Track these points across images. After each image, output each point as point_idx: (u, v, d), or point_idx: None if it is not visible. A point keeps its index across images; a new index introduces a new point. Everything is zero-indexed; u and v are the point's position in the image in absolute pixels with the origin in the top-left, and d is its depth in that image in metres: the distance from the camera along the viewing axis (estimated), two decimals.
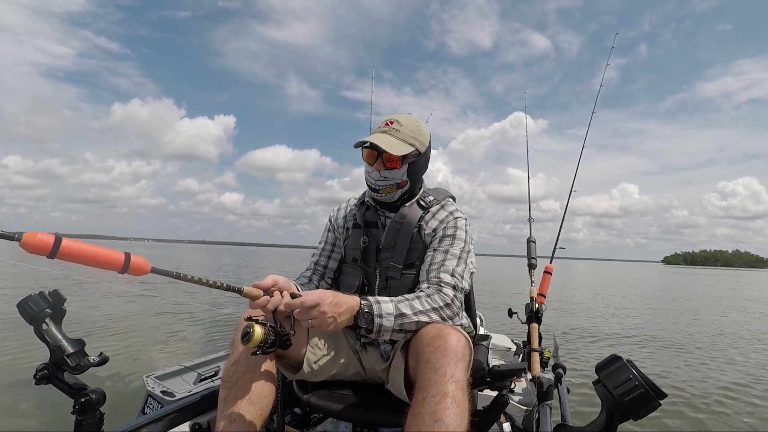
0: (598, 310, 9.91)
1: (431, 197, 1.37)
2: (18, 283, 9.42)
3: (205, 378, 1.93)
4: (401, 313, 1.07)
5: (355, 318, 1.04)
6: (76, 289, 8.72)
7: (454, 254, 1.25)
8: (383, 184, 1.30)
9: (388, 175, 1.28)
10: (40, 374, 0.96)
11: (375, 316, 1.04)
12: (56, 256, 0.71)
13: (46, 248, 0.70)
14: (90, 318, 5.74)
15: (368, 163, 1.30)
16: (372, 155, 1.28)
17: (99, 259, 0.77)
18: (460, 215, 1.34)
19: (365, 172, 1.33)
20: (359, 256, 1.37)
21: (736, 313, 10.65)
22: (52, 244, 0.71)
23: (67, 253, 0.72)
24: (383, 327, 1.05)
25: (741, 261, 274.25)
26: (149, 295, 8.23)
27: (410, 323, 1.08)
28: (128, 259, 0.79)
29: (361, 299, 1.06)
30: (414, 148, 1.28)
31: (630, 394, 0.85)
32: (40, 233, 0.70)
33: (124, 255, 0.79)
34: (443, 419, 0.86)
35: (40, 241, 0.70)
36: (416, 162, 1.32)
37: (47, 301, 0.99)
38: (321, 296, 0.97)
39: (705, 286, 22.87)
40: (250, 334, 0.94)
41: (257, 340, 0.95)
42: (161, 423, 1.20)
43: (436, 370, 0.94)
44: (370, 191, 1.36)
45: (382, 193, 1.32)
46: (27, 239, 0.69)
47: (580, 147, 2.76)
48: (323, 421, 1.63)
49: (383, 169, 1.27)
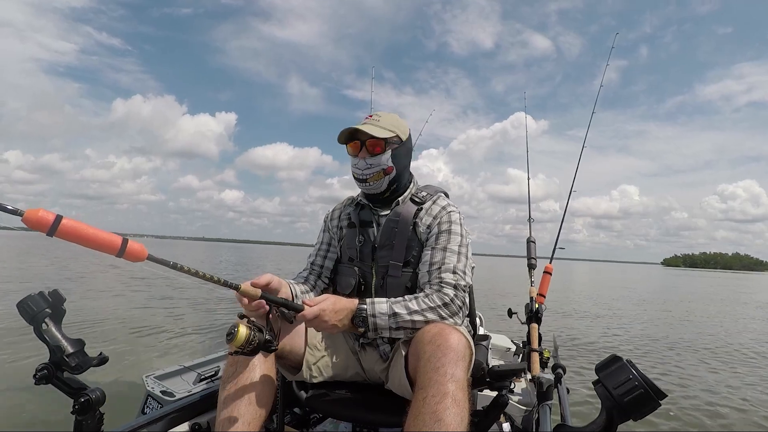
0: (598, 310, 9.91)
1: (424, 193, 1.39)
2: (18, 283, 9.42)
3: (205, 378, 1.93)
4: (395, 312, 1.10)
5: (352, 319, 1.09)
6: (75, 289, 8.72)
7: (453, 250, 1.25)
8: (369, 172, 1.32)
9: (373, 162, 1.31)
10: (39, 374, 0.96)
11: (368, 316, 1.09)
12: (55, 234, 0.73)
13: (46, 225, 0.72)
14: (90, 318, 5.73)
15: (353, 155, 1.34)
16: (356, 146, 1.32)
17: (96, 241, 0.78)
18: (452, 209, 1.34)
19: (352, 167, 1.36)
20: (355, 255, 1.37)
21: (737, 313, 10.65)
22: (52, 221, 0.73)
23: (66, 231, 0.74)
24: (378, 326, 1.09)
25: (740, 264, 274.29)
26: (149, 295, 8.23)
27: (405, 322, 1.09)
28: (125, 243, 0.80)
29: (358, 302, 1.10)
30: (395, 134, 1.33)
31: (630, 395, 0.85)
32: (43, 210, 0.73)
33: (121, 239, 0.81)
34: (443, 419, 0.86)
35: (41, 218, 0.72)
36: (399, 149, 1.35)
37: (47, 301, 0.99)
38: (321, 308, 1.04)
39: (707, 288, 22.87)
40: (233, 334, 0.94)
41: (239, 342, 0.94)
42: (161, 423, 1.20)
43: (436, 369, 0.94)
44: (359, 184, 1.38)
45: (370, 182, 1.33)
46: (29, 215, 0.72)
47: (580, 148, 2.77)
48: (323, 422, 1.63)
49: (368, 156, 1.31)
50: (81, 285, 9.42)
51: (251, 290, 1.00)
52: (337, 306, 1.07)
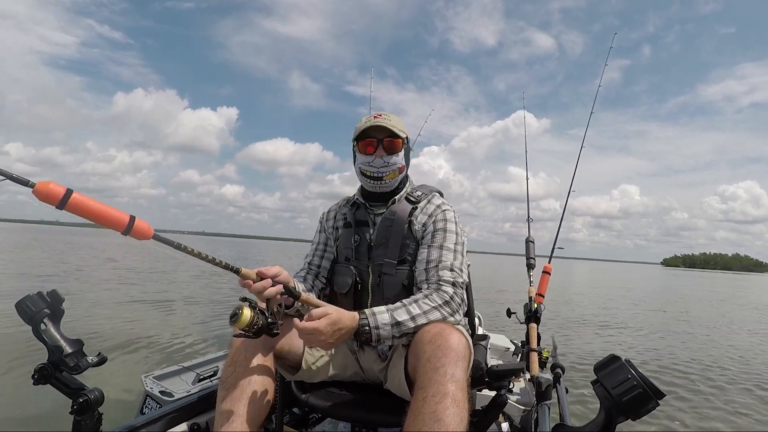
0: (598, 309, 9.93)
1: (419, 192, 1.41)
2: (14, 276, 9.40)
3: (204, 378, 1.93)
4: (397, 321, 1.08)
5: (354, 335, 1.07)
6: (75, 289, 8.70)
7: (449, 248, 1.26)
8: (387, 170, 1.33)
9: (390, 161, 1.33)
10: (38, 374, 0.96)
11: (372, 329, 1.07)
12: (65, 207, 0.75)
13: (56, 198, 0.73)
14: (89, 318, 5.73)
15: (367, 153, 1.33)
16: (372, 144, 1.32)
17: (104, 217, 0.79)
18: (447, 208, 1.36)
19: (362, 165, 1.35)
20: (351, 254, 1.38)
21: (737, 314, 10.67)
22: (62, 194, 0.74)
23: (76, 205, 0.76)
24: (381, 337, 1.07)
25: (740, 265, 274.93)
26: (148, 295, 8.22)
27: (409, 328, 1.08)
28: (132, 220, 0.81)
29: (359, 316, 1.07)
30: (405, 135, 1.37)
31: (629, 394, 0.85)
32: (53, 183, 0.74)
33: (129, 216, 0.81)
34: (443, 419, 0.86)
35: (52, 191, 0.73)
36: (406, 148, 1.39)
37: (45, 301, 0.99)
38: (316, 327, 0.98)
39: (707, 289, 22.90)
40: (238, 315, 0.94)
41: (244, 323, 0.95)
42: (160, 423, 1.20)
43: (436, 369, 0.94)
44: (371, 182, 1.36)
45: (386, 180, 1.35)
46: (40, 187, 0.73)
47: (580, 147, 2.78)
48: (322, 421, 1.63)
49: (385, 154, 1.32)
50: (81, 285, 9.40)
51: (251, 274, 1.01)
52: (337, 326, 1.02)
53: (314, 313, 1.02)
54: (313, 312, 1.02)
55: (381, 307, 1.12)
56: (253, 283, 1.02)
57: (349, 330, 1.05)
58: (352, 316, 1.07)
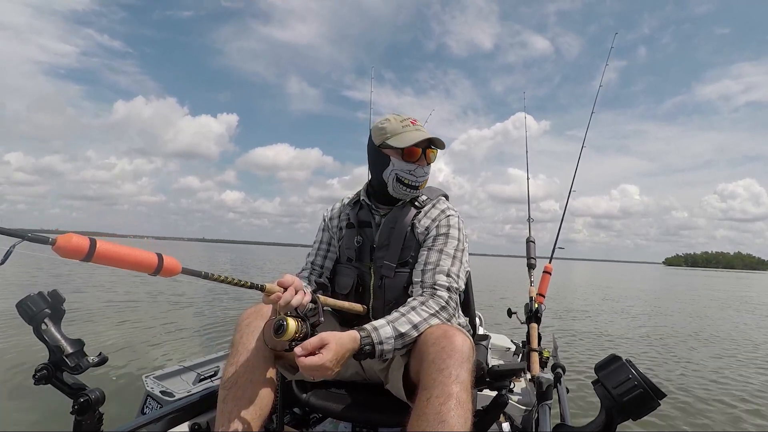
0: (598, 309, 9.91)
1: (424, 196, 1.39)
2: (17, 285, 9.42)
3: (205, 378, 1.93)
4: (400, 333, 1.05)
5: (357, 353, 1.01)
6: (75, 289, 8.72)
7: (449, 253, 1.26)
8: (423, 179, 1.35)
9: (428, 171, 1.34)
10: (39, 374, 0.96)
11: (375, 345, 1.02)
12: (92, 259, 0.69)
13: (81, 252, 0.67)
14: (89, 318, 5.73)
15: (412, 161, 1.30)
16: (419, 154, 1.30)
17: (133, 262, 0.75)
18: (452, 213, 1.35)
19: (402, 171, 1.30)
20: (353, 255, 1.37)
21: (738, 314, 10.66)
22: (87, 247, 0.67)
23: (102, 256, 0.70)
24: (385, 351, 1.03)
25: (743, 263, 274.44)
26: (149, 295, 8.22)
27: (411, 338, 1.06)
28: (161, 260, 0.78)
29: (360, 335, 1.01)
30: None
31: (629, 394, 0.85)
32: (75, 235, 0.67)
33: (156, 257, 0.78)
34: (447, 420, 0.86)
35: (75, 245, 0.67)
36: None
37: (46, 301, 0.99)
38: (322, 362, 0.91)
39: (710, 288, 22.86)
40: (284, 327, 0.94)
41: (291, 333, 0.94)
42: (160, 423, 1.20)
43: (441, 370, 0.93)
44: (406, 189, 1.32)
45: (420, 189, 1.36)
46: (61, 243, 0.66)
47: (580, 148, 2.77)
48: (322, 421, 1.63)
49: (426, 164, 1.33)
50: (80, 284, 9.42)
51: (276, 289, 1.00)
52: (340, 353, 0.94)
53: (309, 344, 0.92)
54: (308, 344, 0.93)
55: (380, 321, 1.06)
56: (278, 293, 1.00)
57: (351, 352, 0.99)
58: (352, 337, 0.99)
